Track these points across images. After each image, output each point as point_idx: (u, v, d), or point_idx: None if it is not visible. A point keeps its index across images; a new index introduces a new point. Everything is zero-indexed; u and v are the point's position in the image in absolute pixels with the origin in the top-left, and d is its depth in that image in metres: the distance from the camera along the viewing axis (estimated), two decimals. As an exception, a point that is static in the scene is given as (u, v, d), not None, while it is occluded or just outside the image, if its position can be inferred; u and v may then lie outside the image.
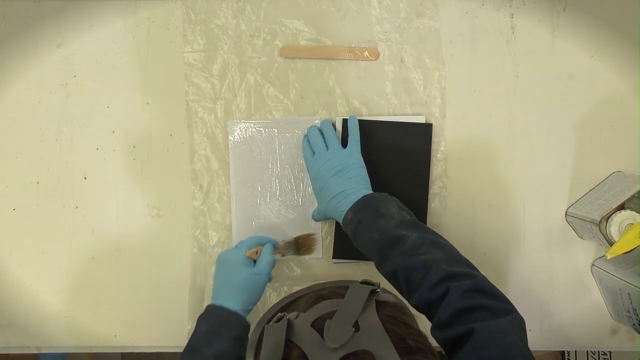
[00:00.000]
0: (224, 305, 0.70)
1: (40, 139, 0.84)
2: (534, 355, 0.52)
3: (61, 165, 0.84)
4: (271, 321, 0.50)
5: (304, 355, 0.45)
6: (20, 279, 0.85)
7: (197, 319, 0.71)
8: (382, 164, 0.81)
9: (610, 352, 1.53)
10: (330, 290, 0.54)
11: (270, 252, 0.75)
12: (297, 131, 0.82)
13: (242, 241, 0.76)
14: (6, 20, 0.84)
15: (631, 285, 0.72)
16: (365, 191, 0.71)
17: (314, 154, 0.77)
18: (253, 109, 0.83)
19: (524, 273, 0.83)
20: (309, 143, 0.79)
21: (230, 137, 0.83)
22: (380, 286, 0.53)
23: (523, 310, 0.57)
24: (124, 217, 0.84)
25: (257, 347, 0.52)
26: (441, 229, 0.82)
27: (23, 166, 0.84)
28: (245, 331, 0.71)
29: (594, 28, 0.81)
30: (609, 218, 0.72)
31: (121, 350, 0.85)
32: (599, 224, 0.73)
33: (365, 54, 0.82)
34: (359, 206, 0.69)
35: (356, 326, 0.47)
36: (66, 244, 0.84)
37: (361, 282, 0.52)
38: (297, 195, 0.83)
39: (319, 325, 0.47)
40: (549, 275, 0.83)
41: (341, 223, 0.71)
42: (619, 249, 0.68)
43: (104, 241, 0.84)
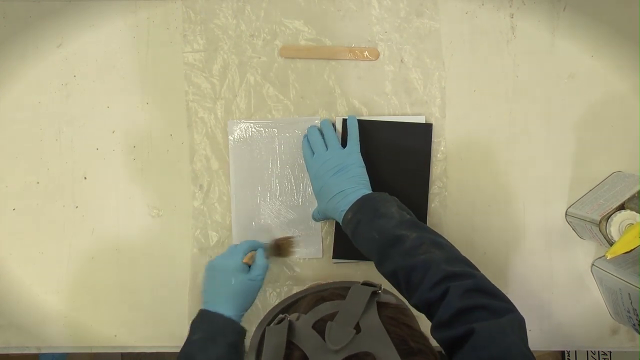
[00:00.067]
0: (219, 312, 0.70)
1: (40, 139, 0.84)
2: (534, 355, 0.52)
3: (61, 165, 0.84)
4: (272, 323, 0.50)
5: (305, 357, 0.45)
6: (20, 279, 0.85)
7: (191, 325, 0.71)
8: (382, 164, 0.81)
9: (610, 352, 1.53)
10: (331, 291, 0.54)
11: (264, 257, 0.75)
12: (297, 131, 0.82)
13: (235, 246, 0.76)
14: (6, 20, 0.84)
15: (631, 285, 0.72)
16: (364, 191, 0.71)
17: (314, 154, 0.77)
18: (253, 109, 0.83)
19: (524, 273, 0.83)
20: (309, 143, 0.78)
21: (230, 137, 0.83)
22: (382, 287, 0.52)
23: (523, 310, 0.57)
24: (124, 217, 0.84)
25: (259, 349, 0.52)
26: (441, 229, 0.82)
27: (23, 166, 0.84)
28: (240, 337, 0.71)
29: (593, 28, 0.81)
30: (609, 218, 0.72)
31: (121, 350, 0.85)
32: (599, 224, 0.73)
33: (365, 54, 0.82)
34: (359, 206, 0.69)
35: (357, 328, 0.47)
36: (66, 244, 0.84)
37: (362, 284, 0.52)
38: (297, 195, 0.83)
39: (320, 327, 0.47)
40: (549, 275, 0.83)
41: (341, 223, 0.71)
42: (619, 249, 0.68)
43: (104, 241, 0.84)
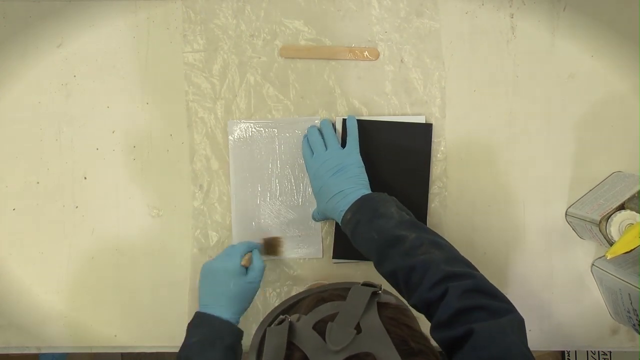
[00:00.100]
0: (216, 314, 0.70)
1: (40, 139, 0.84)
2: (534, 355, 0.52)
3: (61, 165, 0.84)
4: (273, 324, 0.50)
5: (305, 358, 0.45)
6: (20, 279, 0.85)
7: (188, 327, 0.71)
8: (382, 164, 0.81)
9: (610, 352, 1.53)
10: (331, 292, 0.54)
11: (260, 258, 0.75)
12: (297, 131, 0.82)
13: (233, 248, 0.75)
14: (6, 20, 0.84)
15: (631, 285, 0.72)
16: (364, 191, 0.71)
17: (313, 154, 0.77)
18: (253, 109, 0.83)
19: (524, 273, 0.83)
20: (309, 143, 0.78)
21: (230, 137, 0.83)
22: (382, 288, 0.52)
23: (523, 310, 0.57)
24: (124, 217, 0.84)
25: (259, 350, 0.52)
26: (441, 229, 0.82)
27: (23, 166, 0.84)
28: (238, 340, 0.71)
29: (593, 28, 0.81)
30: (609, 218, 0.72)
31: (121, 350, 0.85)
32: (599, 224, 0.73)
33: (365, 54, 0.82)
34: (358, 206, 0.69)
35: (358, 328, 0.47)
36: (66, 244, 0.84)
37: (362, 284, 0.52)
38: (297, 195, 0.83)
39: (320, 328, 0.47)
40: (549, 275, 0.83)
41: (340, 223, 0.71)
42: (619, 249, 0.69)
43: (104, 241, 0.84)
